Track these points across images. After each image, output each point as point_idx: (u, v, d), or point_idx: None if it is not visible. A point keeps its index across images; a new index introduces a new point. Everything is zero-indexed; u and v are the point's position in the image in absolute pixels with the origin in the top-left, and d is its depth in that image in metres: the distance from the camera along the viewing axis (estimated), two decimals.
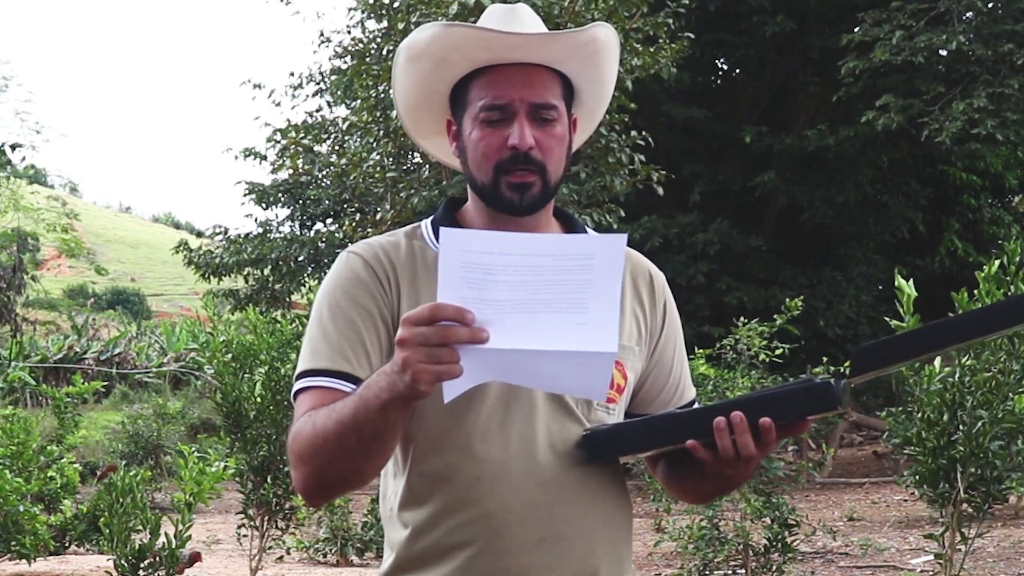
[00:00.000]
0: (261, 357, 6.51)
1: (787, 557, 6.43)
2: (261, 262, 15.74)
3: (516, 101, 1.66)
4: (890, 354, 1.53)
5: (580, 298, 1.42)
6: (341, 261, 1.73)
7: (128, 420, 15.38)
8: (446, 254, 1.40)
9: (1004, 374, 4.48)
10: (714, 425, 1.52)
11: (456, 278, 1.40)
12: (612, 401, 1.72)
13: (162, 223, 77.42)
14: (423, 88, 1.76)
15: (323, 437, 1.54)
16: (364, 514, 9.07)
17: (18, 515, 6.83)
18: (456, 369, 1.39)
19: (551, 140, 1.67)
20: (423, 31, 1.70)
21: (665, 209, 14.73)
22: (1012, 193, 17.74)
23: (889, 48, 12.58)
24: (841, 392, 1.50)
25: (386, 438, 1.52)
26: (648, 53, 10.22)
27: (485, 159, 1.67)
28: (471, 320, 1.39)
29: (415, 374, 1.39)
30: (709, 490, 1.75)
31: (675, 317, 1.87)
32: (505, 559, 1.62)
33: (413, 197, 10.55)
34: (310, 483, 1.59)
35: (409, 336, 1.39)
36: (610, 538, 1.70)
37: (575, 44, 1.69)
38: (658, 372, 1.83)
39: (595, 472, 1.68)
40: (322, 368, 1.64)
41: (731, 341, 7.72)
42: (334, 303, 1.68)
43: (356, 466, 1.55)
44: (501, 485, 1.62)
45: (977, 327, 1.50)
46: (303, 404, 1.63)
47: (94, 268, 40.97)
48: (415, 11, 9.83)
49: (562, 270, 1.41)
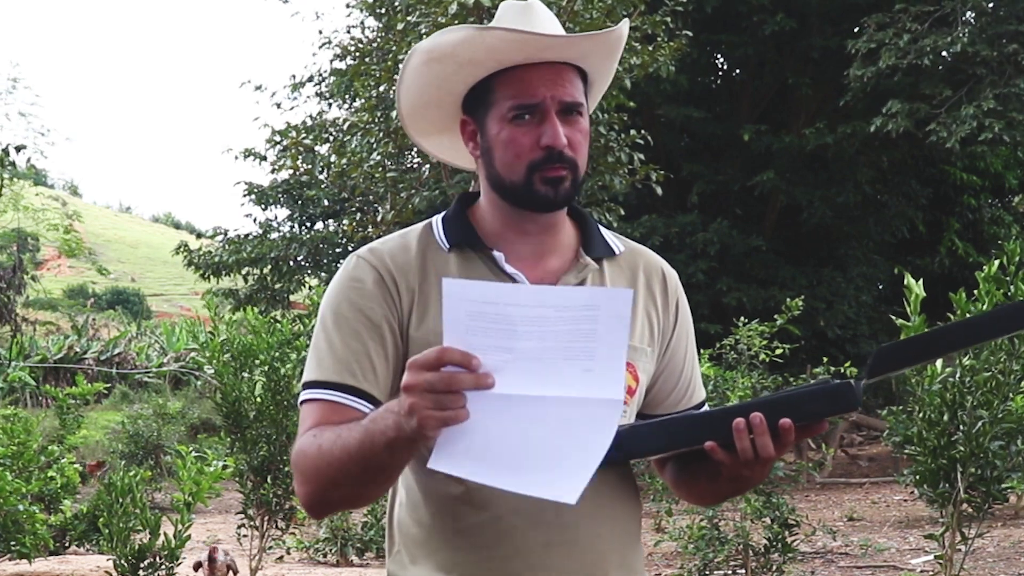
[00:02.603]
0: (261, 357, 6.51)
1: (787, 557, 6.43)
2: (260, 261, 15.75)
3: (547, 100, 1.65)
4: (909, 355, 1.53)
5: (587, 347, 1.43)
6: (348, 267, 1.71)
7: (128, 420, 15.35)
8: (450, 304, 1.40)
9: (1004, 374, 4.49)
10: (733, 426, 1.50)
11: (462, 326, 1.40)
12: (624, 403, 1.69)
13: (162, 223, 77.38)
14: (438, 89, 1.74)
15: (327, 462, 1.54)
16: (364, 514, 9.06)
17: (18, 515, 6.82)
18: (462, 415, 1.39)
19: (579, 135, 1.67)
20: (450, 34, 1.68)
21: (665, 208, 14.74)
22: (1012, 193, 17.74)
23: (895, 52, 12.57)
24: (860, 392, 1.50)
25: (390, 472, 1.54)
26: (647, 52, 10.22)
27: (517, 159, 1.65)
28: (477, 366, 1.39)
29: (421, 420, 1.39)
30: (723, 491, 1.73)
31: (687, 317, 1.86)
32: (514, 563, 1.62)
33: (414, 197, 10.56)
34: (313, 500, 1.61)
35: (415, 382, 1.39)
36: (619, 542, 1.69)
37: (603, 42, 1.70)
38: (669, 372, 1.81)
39: (605, 475, 1.64)
40: (327, 380, 1.63)
41: (731, 341, 7.72)
42: (340, 313, 1.67)
43: (359, 492, 1.58)
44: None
45: (994, 328, 1.50)
46: (308, 417, 1.63)
47: (96, 268, 40.97)
48: (414, 11, 9.83)
49: (566, 320, 1.42)
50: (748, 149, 15.16)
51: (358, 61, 11.39)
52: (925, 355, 1.55)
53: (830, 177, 15.67)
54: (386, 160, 11.16)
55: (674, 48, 10.59)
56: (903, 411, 5.10)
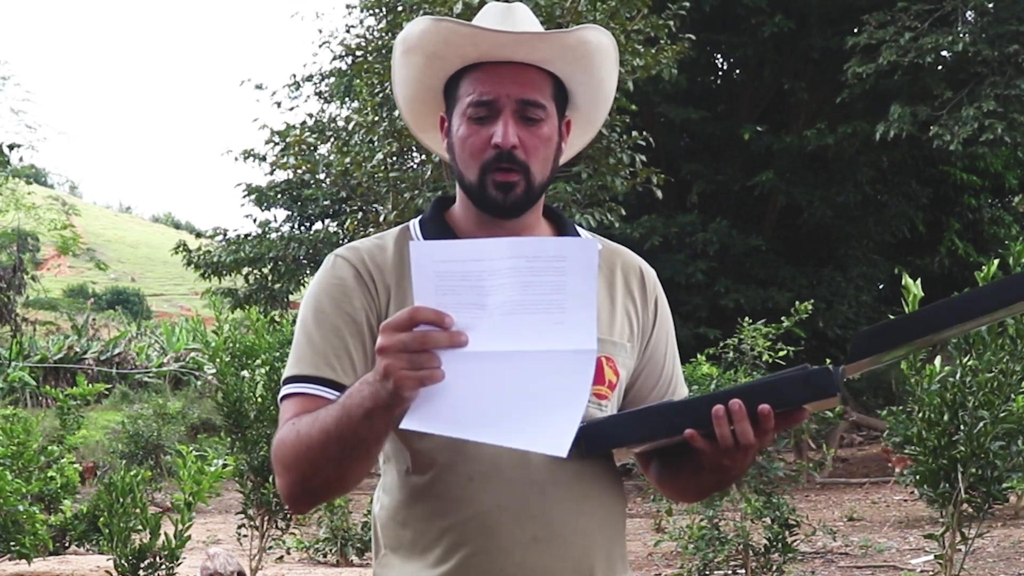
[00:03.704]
0: (263, 357, 6.51)
1: (787, 557, 6.43)
2: (259, 261, 15.76)
3: (503, 97, 1.65)
4: (888, 339, 1.51)
5: (556, 300, 1.43)
6: (327, 265, 1.72)
7: (128, 420, 15.36)
8: (417, 268, 1.40)
9: (1006, 375, 4.49)
10: (713, 413, 1.49)
11: (431, 287, 1.40)
12: (604, 398, 1.71)
13: (162, 223, 77.39)
14: (418, 82, 1.75)
15: (307, 445, 1.53)
16: (364, 514, 9.06)
17: (18, 515, 6.82)
18: (438, 375, 1.39)
19: (536, 140, 1.66)
20: (415, 24, 1.70)
21: (665, 209, 14.74)
22: (1012, 193, 17.74)
23: (896, 50, 12.56)
24: (839, 378, 1.49)
25: (369, 445, 1.51)
26: (649, 55, 10.23)
27: (471, 158, 1.66)
28: (449, 324, 1.39)
29: (397, 381, 1.38)
30: (706, 485, 1.71)
31: (667, 313, 1.86)
32: (500, 559, 1.61)
33: (417, 198, 10.55)
34: (294, 490, 1.59)
35: (389, 344, 1.39)
36: (604, 536, 1.69)
37: (564, 45, 1.68)
38: (650, 369, 1.81)
39: (588, 469, 1.67)
40: (306, 375, 1.64)
41: (734, 341, 7.72)
42: (319, 309, 1.68)
43: (340, 474, 1.55)
44: (493, 484, 1.61)
45: (972, 307, 1.47)
46: (287, 411, 1.63)
47: (95, 264, 40.93)
48: (419, 9, 9.84)
49: (535, 271, 1.42)
50: (748, 149, 15.16)
51: (361, 59, 11.38)
52: (903, 338, 1.52)
53: (830, 177, 15.67)
54: (389, 159, 11.15)
55: (677, 51, 10.60)
56: (903, 411, 5.10)
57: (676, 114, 14.94)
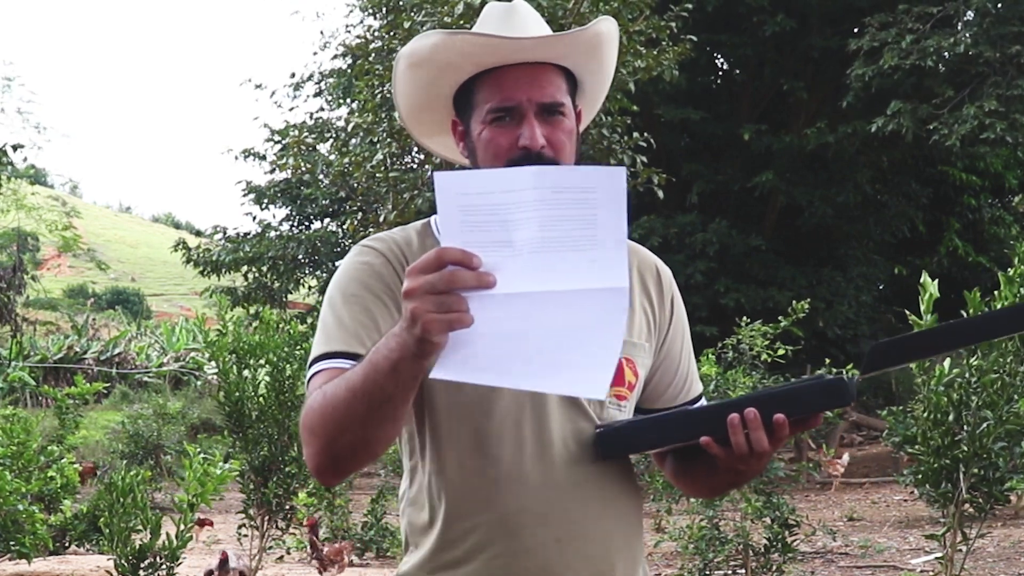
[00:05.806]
0: (269, 356, 6.50)
1: (787, 557, 6.43)
2: (258, 260, 15.76)
3: (524, 102, 1.65)
4: (906, 351, 1.53)
5: (587, 235, 1.37)
6: (355, 253, 1.72)
7: (128, 420, 15.35)
8: (443, 199, 1.34)
9: (1011, 376, 4.49)
10: (728, 421, 1.52)
11: (456, 223, 1.34)
12: (624, 399, 1.73)
13: (162, 223, 77.35)
14: (426, 92, 1.76)
15: (332, 405, 1.50)
16: (364, 514, 9.07)
17: (18, 515, 6.82)
18: (467, 318, 1.33)
19: (561, 135, 1.67)
20: (425, 39, 1.69)
21: (664, 209, 14.72)
22: (1012, 193, 17.75)
23: (898, 52, 12.57)
24: (854, 387, 1.50)
25: (396, 402, 1.46)
26: (651, 56, 10.23)
27: (496, 159, 1.66)
28: (477, 264, 1.33)
29: (425, 325, 1.33)
30: (720, 484, 1.75)
31: (682, 312, 1.88)
32: (523, 560, 1.62)
33: (417, 198, 10.54)
34: (322, 458, 1.55)
35: (415, 286, 1.34)
36: (624, 536, 1.71)
37: (580, 41, 1.70)
38: (666, 367, 1.83)
39: (608, 470, 1.69)
40: (336, 350, 1.62)
41: (733, 341, 7.72)
42: (348, 292, 1.67)
43: (366, 435, 1.50)
44: (517, 486, 1.62)
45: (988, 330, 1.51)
46: (315, 384, 1.60)
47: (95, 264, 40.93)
48: (420, 10, 9.83)
49: (562, 203, 1.36)
50: (748, 149, 15.16)
51: (361, 60, 11.37)
52: (921, 352, 1.55)
53: (830, 177, 15.67)
54: (388, 160, 11.14)
55: (678, 52, 10.60)
56: (903, 411, 5.10)
57: (675, 114, 14.94)
